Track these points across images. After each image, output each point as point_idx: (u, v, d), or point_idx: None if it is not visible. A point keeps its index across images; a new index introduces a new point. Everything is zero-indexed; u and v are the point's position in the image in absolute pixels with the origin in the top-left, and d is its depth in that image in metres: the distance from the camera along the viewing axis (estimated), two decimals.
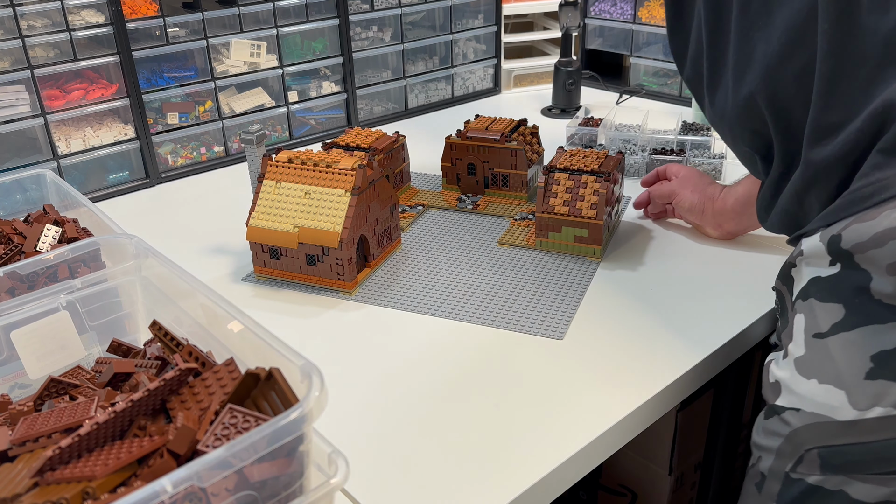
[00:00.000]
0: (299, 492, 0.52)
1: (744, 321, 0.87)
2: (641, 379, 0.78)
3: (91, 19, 1.20)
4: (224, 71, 1.36)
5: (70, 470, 0.49)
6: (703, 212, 1.04)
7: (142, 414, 0.54)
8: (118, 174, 1.30)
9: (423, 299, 0.93)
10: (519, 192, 1.18)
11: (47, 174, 0.97)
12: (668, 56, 1.66)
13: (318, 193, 0.94)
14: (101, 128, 1.26)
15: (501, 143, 1.15)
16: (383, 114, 1.62)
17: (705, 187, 1.04)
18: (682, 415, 1.07)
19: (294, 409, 0.49)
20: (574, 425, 0.72)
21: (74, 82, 1.22)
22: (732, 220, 1.01)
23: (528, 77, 1.82)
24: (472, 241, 1.07)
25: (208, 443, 0.50)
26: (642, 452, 1.15)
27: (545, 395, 0.76)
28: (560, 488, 0.69)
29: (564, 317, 0.89)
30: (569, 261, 1.01)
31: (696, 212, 1.04)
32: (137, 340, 0.77)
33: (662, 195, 1.08)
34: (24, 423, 0.55)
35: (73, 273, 0.77)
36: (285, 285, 0.98)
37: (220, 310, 0.63)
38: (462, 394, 0.77)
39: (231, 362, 0.57)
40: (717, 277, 0.96)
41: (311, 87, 1.48)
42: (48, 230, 0.84)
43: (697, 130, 1.34)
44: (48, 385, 0.61)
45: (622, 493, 1.22)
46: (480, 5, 1.70)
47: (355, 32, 1.51)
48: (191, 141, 1.37)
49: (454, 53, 1.68)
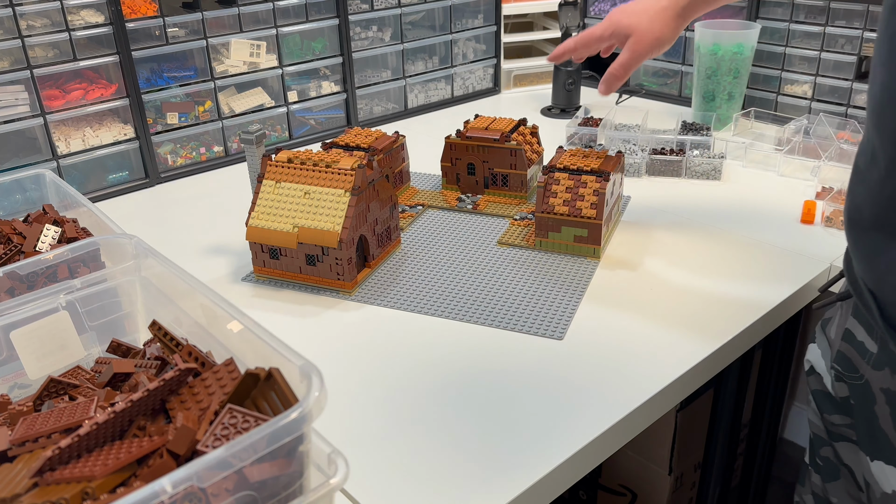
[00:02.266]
0: (299, 492, 0.52)
1: (744, 321, 0.87)
2: (641, 379, 0.78)
3: (91, 19, 1.20)
4: (224, 71, 1.36)
5: (69, 470, 0.49)
6: (664, 26, 0.93)
7: (141, 414, 0.54)
8: (118, 174, 1.30)
9: (422, 299, 0.93)
10: (519, 192, 1.18)
11: (47, 174, 0.97)
12: (668, 56, 1.66)
13: (318, 193, 0.94)
14: (101, 128, 1.26)
15: (501, 142, 1.15)
16: (383, 114, 1.62)
17: (651, 7, 0.93)
18: (682, 415, 1.07)
19: (294, 409, 0.49)
20: (573, 425, 0.72)
21: (74, 82, 1.22)
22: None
23: (527, 77, 1.82)
24: (472, 241, 1.07)
25: (208, 443, 0.49)
26: (642, 452, 1.15)
27: (545, 396, 0.76)
28: (560, 488, 0.69)
29: (564, 317, 0.89)
30: (568, 261, 1.01)
31: (664, 37, 0.92)
32: (137, 340, 0.77)
33: (603, 37, 0.96)
34: (24, 424, 0.55)
35: (72, 273, 0.77)
36: (285, 285, 0.98)
37: (220, 310, 0.63)
38: (462, 394, 0.77)
39: (231, 362, 0.56)
40: (717, 277, 0.96)
41: (311, 87, 1.48)
42: (48, 230, 0.84)
43: (697, 130, 1.34)
44: (48, 385, 0.61)
45: (622, 493, 1.22)
46: (480, 5, 1.70)
47: (355, 32, 1.51)
48: (190, 141, 1.36)
49: (454, 53, 1.68)
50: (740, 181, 1.26)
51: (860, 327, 0.70)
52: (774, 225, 1.10)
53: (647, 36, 0.91)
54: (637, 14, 0.92)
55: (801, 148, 1.28)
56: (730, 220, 1.11)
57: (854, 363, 0.70)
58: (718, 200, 1.19)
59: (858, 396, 0.71)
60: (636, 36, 0.91)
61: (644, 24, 0.91)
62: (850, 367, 0.71)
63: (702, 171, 1.26)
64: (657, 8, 0.91)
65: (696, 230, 1.08)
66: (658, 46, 0.92)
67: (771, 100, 1.51)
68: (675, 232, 1.08)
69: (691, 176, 1.27)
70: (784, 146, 1.31)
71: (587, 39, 0.95)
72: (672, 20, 0.91)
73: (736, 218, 1.12)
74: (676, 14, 0.91)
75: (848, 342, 0.71)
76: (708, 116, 1.43)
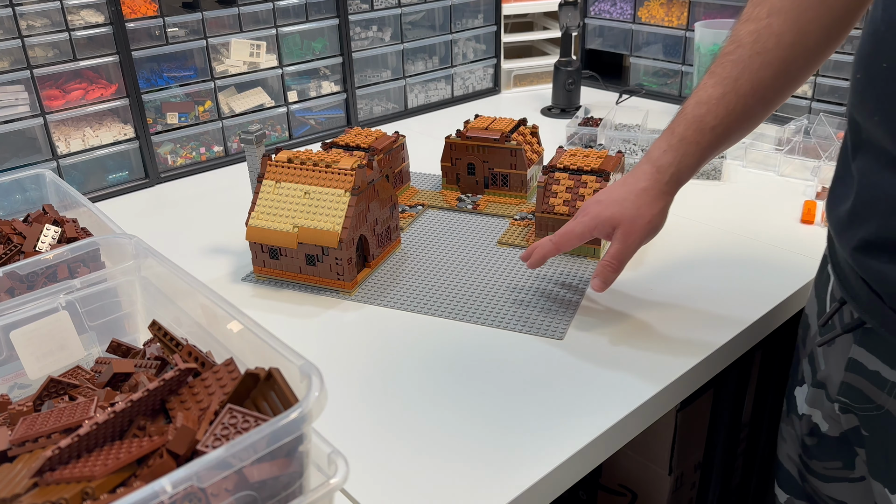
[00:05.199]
0: (299, 492, 0.52)
1: (744, 321, 0.87)
2: (641, 379, 0.78)
3: (90, 19, 1.20)
4: (224, 71, 1.36)
5: (69, 470, 0.49)
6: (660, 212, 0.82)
7: (141, 414, 0.54)
8: (118, 174, 1.29)
9: (422, 299, 0.93)
10: (519, 192, 1.18)
11: (47, 174, 0.97)
12: (668, 56, 1.66)
13: (318, 193, 0.94)
14: (101, 128, 1.26)
15: (501, 142, 1.15)
16: (383, 114, 1.62)
17: (631, 192, 0.82)
18: (682, 415, 1.07)
19: (294, 410, 0.49)
20: (574, 425, 0.72)
21: (74, 82, 1.22)
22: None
23: (527, 77, 1.82)
24: (472, 241, 1.07)
25: (208, 443, 0.49)
26: (642, 452, 1.15)
27: (545, 396, 0.76)
28: (560, 488, 0.69)
29: (564, 317, 0.89)
30: (569, 261, 1.01)
31: (655, 220, 0.82)
32: (137, 340, 0.77)
33: (584, 235, 0.84)
34: (24, 424, 0.55)
35: (72, 273, 0.77)
36: (285, 285, 0.98)
37: (220, 310, 0.63)
38: (462, 394, 0.77)
39: (231, 362, 0.56)
40: (717, 277, 0.96)
41: (311, 87, 1.48)
42: (48, 230, 0.84)
43: None
44: (47, 385, 0.61)
45: (622, 493, 1.22)
46: (480, 5, 1.70)
47: (355, 32, 1.51)
48: (190, 141, 1.36)
49: (454, 53, 1.68)
50: (740, 181, 1.26)
51: (871, 356, 0.67)
52: (774, 225, 1.10)
53: (636, 224, 0.80)
54: (618, 203, 0.81)
55: (801, 148, 1.28)
56: (730, 220, 1.11)
57: (867, 394, 0.68)
58: (718, 200, 1.19)
59: (876, 428, 0.69)
60: (624, 227, 0.80)
61: (629, 211, 0.80)
62: (862, 397, 0.69)
63: (702, 171, 1.26)
64: (637, 191, 0.80)
65: (696, 230, 1.08)
66: (651, 231, 0.82)
67: None
68: (675, 232, 1.08)
69: None
70: (784, 146, 1.31)
71: (567, 239, 0.84)
72: (657, 200, 0.80)
73: (736, 218, 1.12)
74: (661, 192, 0.80)
75: (855, 373, 0.69)
76: None
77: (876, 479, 0.70)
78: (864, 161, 0.64)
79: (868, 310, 0.66)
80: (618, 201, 0.81)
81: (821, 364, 0.75)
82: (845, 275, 0.69)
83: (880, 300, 0.64)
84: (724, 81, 0.76)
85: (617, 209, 0.81)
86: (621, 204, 0.81)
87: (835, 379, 0.72)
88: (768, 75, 0.74)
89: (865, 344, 0.68)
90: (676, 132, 0.80)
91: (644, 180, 0.81)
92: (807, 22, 0.72)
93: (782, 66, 0.73)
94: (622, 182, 0.83)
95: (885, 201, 0.61)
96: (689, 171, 0.80)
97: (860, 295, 0.66)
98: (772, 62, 0.73)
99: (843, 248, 0.68)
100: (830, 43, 0.74)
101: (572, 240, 0.84)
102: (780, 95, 0.77)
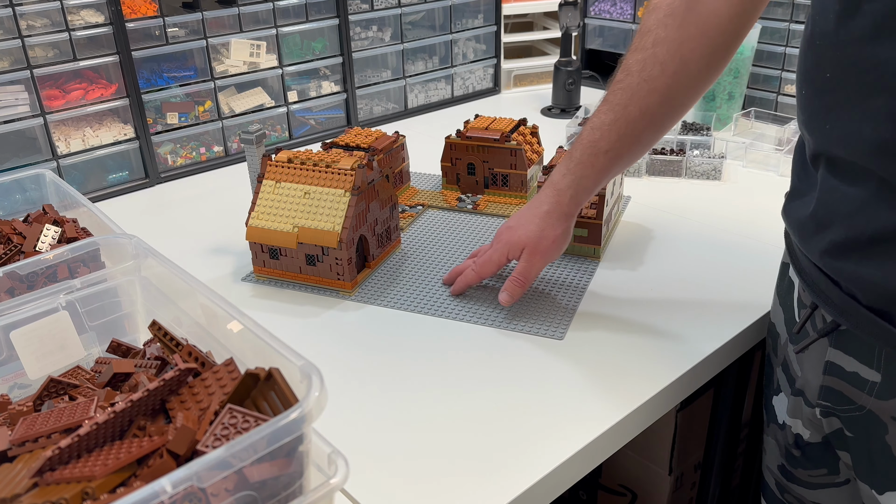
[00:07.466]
0: (299, 492, 0.52)
1: (744, 321, 0.87)
2: (641, 379, 0.78)
3: (90, 19, 1.20)
4: (224, 71, 1.36)
5: (69, 470, 0.49)
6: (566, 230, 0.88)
7: (141, 414, 0.54)
8: (118, 174, 1.30)
9: (422, 299, 0.93)
10: (519, 192, 1.18)
11: (47, 174, 0.97)
12: None
13: (318, 193, 0.94)
14: (101, 128, 1.26)
15: (501, 142, 1.15)
16: (383, 114, 1.62)
17: (535, 215, 0.88)
18: (682, 415, 1.07)
19: (294, 410, 0.49)
20: (574, 425, 0.72)
21: (74, 82, 1.22)
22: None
23: (527, 77, 1.82)
24: (472, 241, 1.07)
25: (208, 443, 0.49)
26: (642, 452, 1.15)
27: (545, 396, 0.76)
28: (560, 488, 0.69)
29: (564, 317, 0.89)
30: (569, 261, 1.01)
31: (558, 240, 0.88)
32: (137, 340, 0.77)
33: (501, 261, 0.90)
34: (24, 424, 0.55)
35: (72, 273, 0.77)
36: (285, 285, 0.98)
37: (220, 310, 0.63)
38: (462, 394, 0.77)
39: (231, 362, 0.56)
40: (716, 277, 0.96)
41: (311, 87, 1.48)
42: (48, 230, 0.84)
43: (697, 130, 1.34)
44: (48, 385, 0.61)
45: (622, 493, 1.22)
46: (480, 5, 1.70)
47: (355, 32, 1.51)
48: (190, 141, 1.36)
49: (454, 53, 1.68)
50: (740, 181, 1.26)
51: (849, 358, 0.67)
52: (774, 225, 1.09)
53: (540, 245, 0.87)
54: (523, 226, 0.88)
55: None
56: (730, 220, 1.11)
57: (848, 395, 0.68)
58: (718, 200, 1.19)
59: (859, 429, 0.68)
60: (529, 248, 0.87)
61: (534, 234, 0.87)
62: (843, 399, 0.69)
63: (702, 171, 1.26)
64: (541, 214, 0.87)
65: (696, 230, 1.08)
66: (556, 250, 0.89)
67: (771, 100, 1.51)
68: (675, 232, 1.08)
69: (691, 176, 1.27)
70: (784, 146, 1.31)
71: (487, 268, 0.91)
72: (560, 221, 0.87)
73: (736, 218, 1.12)
74: (562, 214, 0.86)
75: (834, 375, 0.69)
76: (708, 116, 1.43)
77: (862, 480, 0.70)
78: (822, 169, 0.66)
79: (842, 312, 0.66)
80: (524, 225, 0.89)
81: (797, 371, 0.75)
82: (813, 280, 0.69)
83: (855, 301, 0.64)
84: (615, 108, 0.80)
85: (523, 232, 0.88)
86: (527, 227, 0.88)
87: (813, 384, 0.72)
88: (655, 101, 0.78)
89: (842, 346, 0.68)
90: (574, 156, 0.85)
91: (546, 203, 0.87)
92: (688, 51, 0.76)
93: (668, 92, 0.78)
94: (529, 206, 0.90)
95: (847, 203, 0.62)
96: (587, 192, 0.86)
97: (832, 298, 0.66)
98: (658, 89, 0.78)
99: (811, 252, 0.68)
100: (712, 71, 0.78)
101: (491, 267, 0.91)
102: (669, 120, 0.82)
